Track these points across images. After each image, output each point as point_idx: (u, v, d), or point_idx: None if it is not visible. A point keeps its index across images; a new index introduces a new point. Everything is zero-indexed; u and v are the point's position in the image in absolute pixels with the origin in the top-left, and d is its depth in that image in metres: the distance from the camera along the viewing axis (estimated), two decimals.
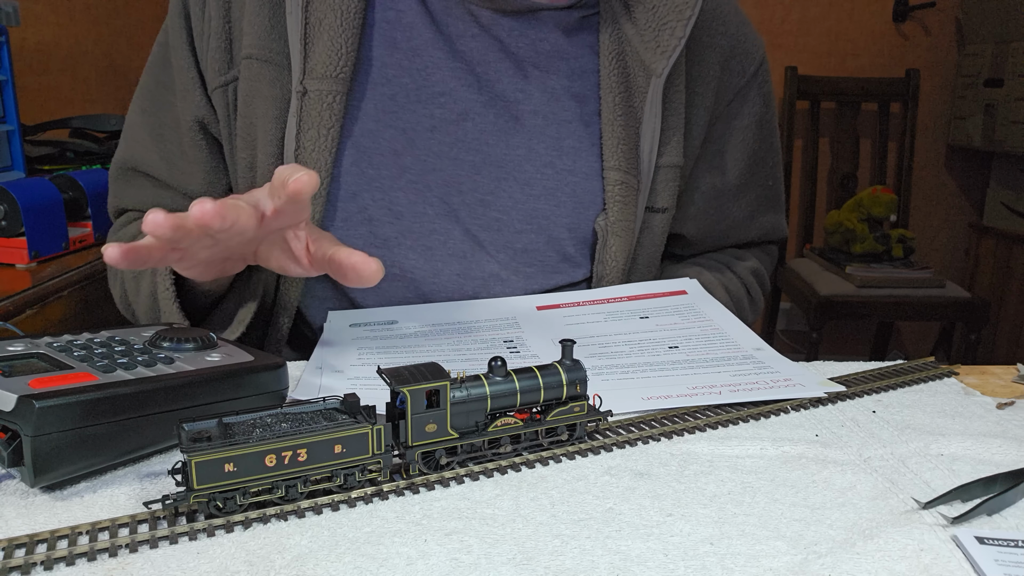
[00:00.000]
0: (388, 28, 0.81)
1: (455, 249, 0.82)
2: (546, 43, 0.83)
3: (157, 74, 0.87)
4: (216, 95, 0.82)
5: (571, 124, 0.83)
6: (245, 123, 0.81)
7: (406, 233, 0.81)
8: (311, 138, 0.77)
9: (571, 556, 0.42)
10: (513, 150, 0.82)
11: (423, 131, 0.80)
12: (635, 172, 0.83)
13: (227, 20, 0.81)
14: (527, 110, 0.82)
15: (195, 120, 0.84)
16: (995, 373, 0.72)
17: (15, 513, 0.46)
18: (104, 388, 0.49)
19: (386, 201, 0.80)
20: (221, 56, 0.81)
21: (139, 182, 0.88)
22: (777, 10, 2.80)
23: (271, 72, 0.78)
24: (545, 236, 0.83)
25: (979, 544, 0.43)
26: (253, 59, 0.78)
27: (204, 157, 0.85)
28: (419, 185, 0.80)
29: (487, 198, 0.82)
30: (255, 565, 0.41)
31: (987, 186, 2.81)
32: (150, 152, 0.86)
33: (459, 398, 0.50)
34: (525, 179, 0.82)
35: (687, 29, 0.80)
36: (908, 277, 2.38)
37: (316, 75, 0.76)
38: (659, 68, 0.81)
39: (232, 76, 0.81)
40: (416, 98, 0.80)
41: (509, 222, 0.82)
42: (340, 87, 0.77)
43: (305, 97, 0.76)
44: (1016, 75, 2.46)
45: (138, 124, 0.88)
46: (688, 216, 0.92)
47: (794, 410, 0.61)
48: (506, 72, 0.82)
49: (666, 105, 0.83)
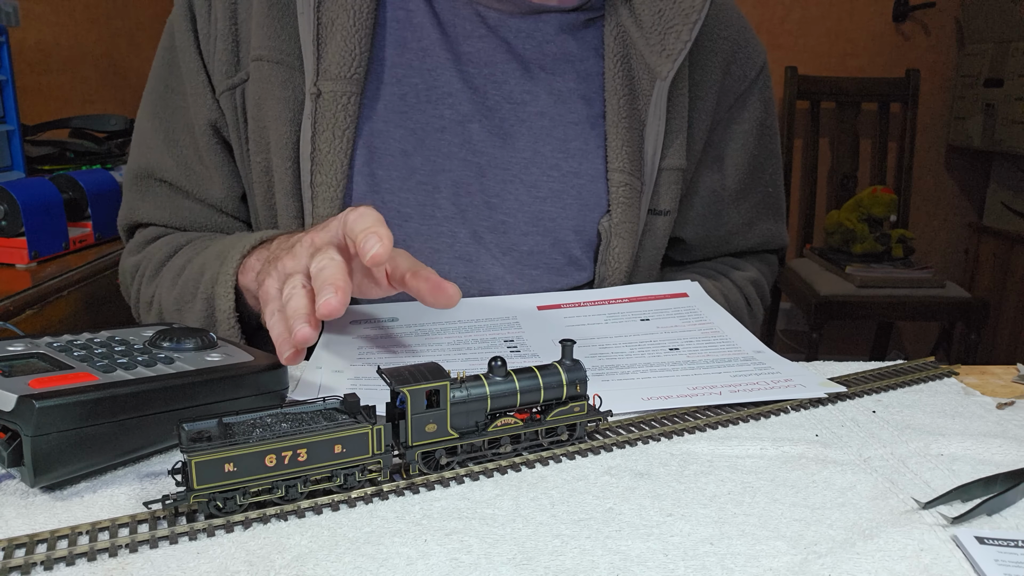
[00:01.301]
0: (398, 28, 0.80)
1: (461, 251, 0.81)
2: (552, 45, 0.83)
3: (164, 77, 0.86)
4: (224, 98, 0.81)
5: (577, 126, 0.83)
6: (257, 126, 0.80)
7: (413, 235, 0.80)
8: (326, 140, 0.76)
9: (571, 556, 0.42)
10: (519, 153, 0.82)
11: (432, 131, 0.80)
12: (639, 174, 0.82)
13: (233, 21, 0.80)
14: (533, 112, 0.82)
15: (209, 124, 0.83)
16: (995, 373, 0.72)
17: (15, 513, 0.46)
18: (104, 388, 0.49)
19: (395, 203, 0.80)
20: (228, 58, 0.80)
21: (156, 190, 0.87)
22: (777, 10, 2.80)
23: (282, 74, 0.77)
24: (551, 239, 0.83)
25: (979, 544, 0.43)
26: (263, 61, 0.78)
27: (220, 161, 0.85)
28: (428, 186, 0.80)
29: (493, 200, 0.81)
30: (255, 565, 0.41)
31: (987, 186, 2.81)
32: (165, 158, 0.85)
33: (459, 398, 0.50)
34: (531, 181, 0.82)
35: (693, 33, 0.80)
36: (908, 277, 2.38)
37: (330, 76, 0.76)
38: (664, 71, 0.80)
39: (240, 79, 0.80)
40: (426, 98, 0.80)
41: (515, 224, 0.82)
42: (354, 88, 0.76)
43: (319, 99, 0.76)
44: (1016, 75, 2.46)
45: (149, 130, 0.86)
46: (687, 220, 0.92)
47: (794, 410, 0.61)
48: (512, 74, 0.82)
49: (670, 108, 0.83)
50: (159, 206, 0.87)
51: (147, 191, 0.87)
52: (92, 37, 2.05)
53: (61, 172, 1.23)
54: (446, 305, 0.62)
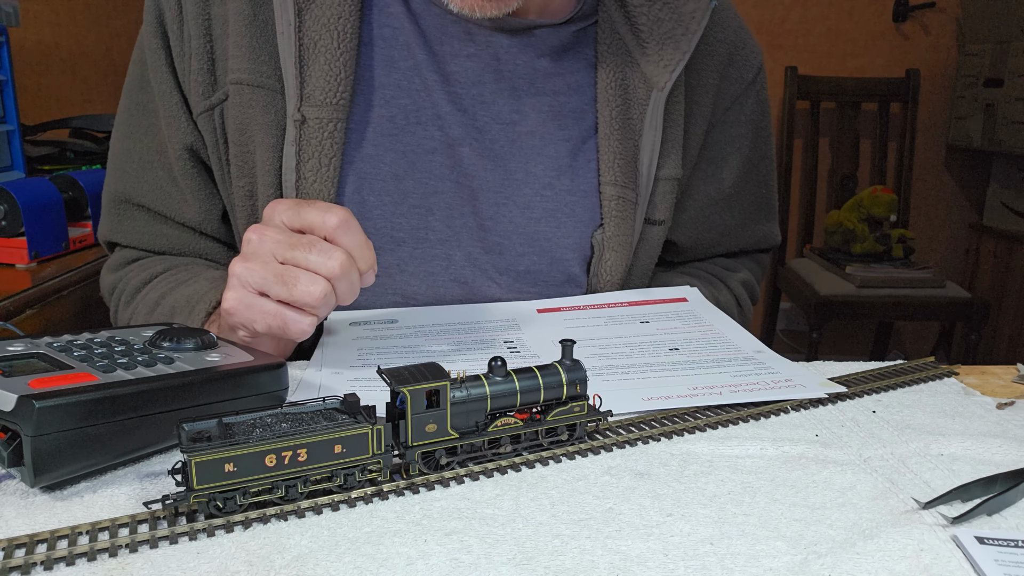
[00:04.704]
0: (384, 46, 0.78)
1: (457, 274, 0.80)
2: (543, 60, 0.81)
3: (136, 95, 0.83)
4: (202, 120, 0.78)
5: (568, 143, 0.81)
6: (240, 151, 0.77)
7: (408, 260, 0.79)
8: (312, 168, 0.74)
9: (571, 556, 0.42)
10: (511, 174, 0.80)
11: (424, 153, 0.78)
12: (632, 186, 0.81)
13: (208, 39, 0.76)
14: (523, 131, 0.80)
15: (184, 147, 0.80)
16: (995, 373, 0.72)
17: (15, 513, 0.46)
18: (104, 388, 0.49)
19: (388, 228, 0.78)
20: (204, 78, 0.77)
21: (133, 214, 0.84)
22: (777, 10, 2.80)
23: (264, 97, 0.74)
24: (548, 258, 0.81)
25: (979, 544, 0.43)
26: (243, 84, 0.74)
27: (196, 185, 0.81)
28: (421, 210, 0.78)
29: (487, 223, 0.80)
30: (255, 565, 0.41)
31: (987, 186, 2.81)
32: (140, 183, 0.83)
33: (459, 398, 0.50)
34: (524, 202, 0.80)
35: (692, 44, 0.79)
36: (908, 277, 2.38)
37: (314, 102, 0.73)
38: (662, 82, 0.79)
39: (218, 99, 0.77)
40: (415, 119, 0.78)
41: (510, 246, 0.81)
42: (340, 114, 0.74)
43: (304, 125, 0.73)
44: (1016, 75, 2.46)
45: (123, 152, 0.84)
46: (680, 223, 0.91)
47: (794, 410, 0.61)
48: (501, 94, 0.80)
49: (666, 118, 0.81)
50: (137, 231, 0.85)
51: (124, 215, 0.85)
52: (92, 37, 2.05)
53: (61, 172, 1.24)
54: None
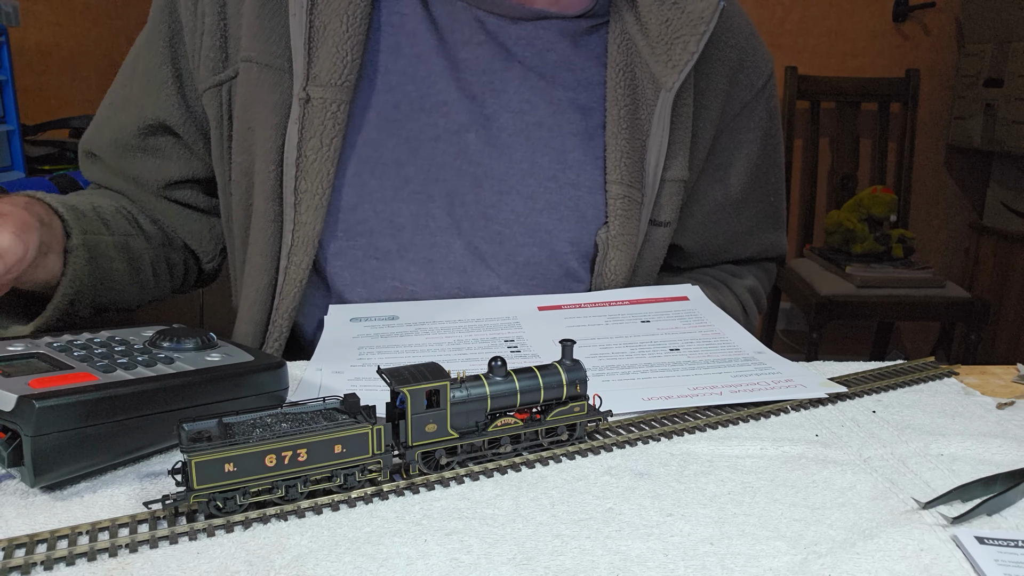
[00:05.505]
0: (393, 33, 0.79)
1: (456, 263, 0.80)
2: (553, 52, 0.81)
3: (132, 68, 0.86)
4: (209, 95, 0.80)
5: (576, 137, 0.82)
6: (243, 127, 0.79)
7: (407, 246, 0.79)
8: (313, 147, 0.75)
9: (571, 556, 0.42)
10: (516, 164, 0.80)
11: (426, 140, 0.79)
12: (639, 186, 0.81)
13: (222, 17, 0.79)
14: (532, 122, 0.81)
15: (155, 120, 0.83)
16: (995, 373, 0.72)
17: (15, 513, 0.46)
18: (104, 388, 0.49)
19: (388, 213, 0.79)
20: (215, 55, 0.79)
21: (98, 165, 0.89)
22: (777, 10, 2.80)
23: (271, 77, 0.76)
24: (547, 250, 0.82)
25: (979, 544, 0.43)
26: (252, 62, 0.77)
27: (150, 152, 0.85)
28: (422, 196, 0.79)
29: (489, 211, 0.80)
30: (255, 565, 0.41)
31: (987, 186, 2.81)
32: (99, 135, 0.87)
33: (459, 398, 0.50)
34: (528, 192, 0.81)
35: (700, 44, 0.79)
36: (908, 277, 2.38)
37: (320, 82, 0.75)
38: (670, 82, 0.79)
39: (227, 76, 0.79)
40: (420, 107, 0.79)
41: (511, 236, 0.81)
42: (344, 95, 0.75)
43: (308, 104, 0.75)
44: (1016, 75, 2.46)
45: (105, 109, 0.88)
46: (687, 228, 0.91)
47: (794, 410, 0.61)
48: (511, 82, 0.80)
49: (674, 119, 0.81)
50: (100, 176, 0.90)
51: (89, 162, 0.90)
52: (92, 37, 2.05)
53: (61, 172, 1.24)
54: None
